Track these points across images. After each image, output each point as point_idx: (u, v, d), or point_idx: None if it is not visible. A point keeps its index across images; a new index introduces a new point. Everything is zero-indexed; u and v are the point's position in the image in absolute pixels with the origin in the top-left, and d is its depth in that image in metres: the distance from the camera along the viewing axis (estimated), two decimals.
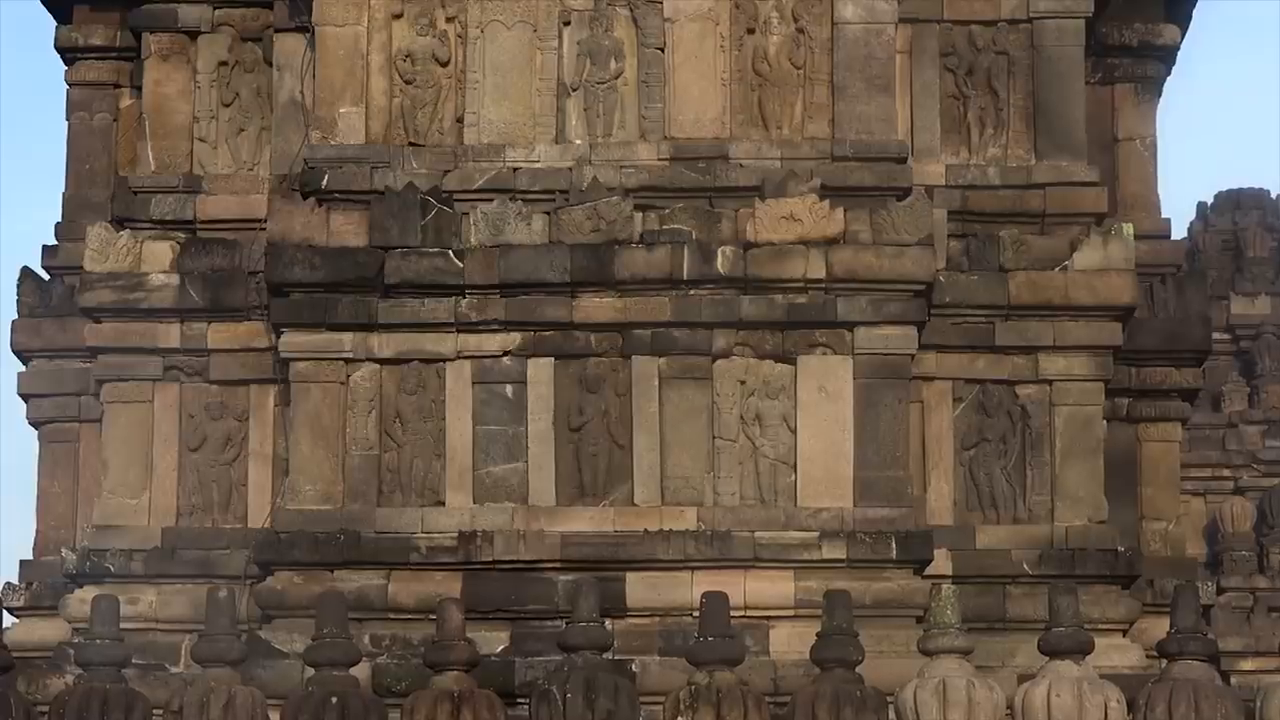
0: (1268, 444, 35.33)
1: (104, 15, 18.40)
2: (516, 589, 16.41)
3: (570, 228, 16.70)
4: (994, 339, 17.02)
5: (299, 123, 17.52)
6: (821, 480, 16.62)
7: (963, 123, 17.59)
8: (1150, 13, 18.30)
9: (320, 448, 16.78)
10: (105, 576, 16.87)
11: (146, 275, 17.17)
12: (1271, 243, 37.26)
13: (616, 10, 17.23)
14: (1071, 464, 16.97)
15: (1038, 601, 15.58)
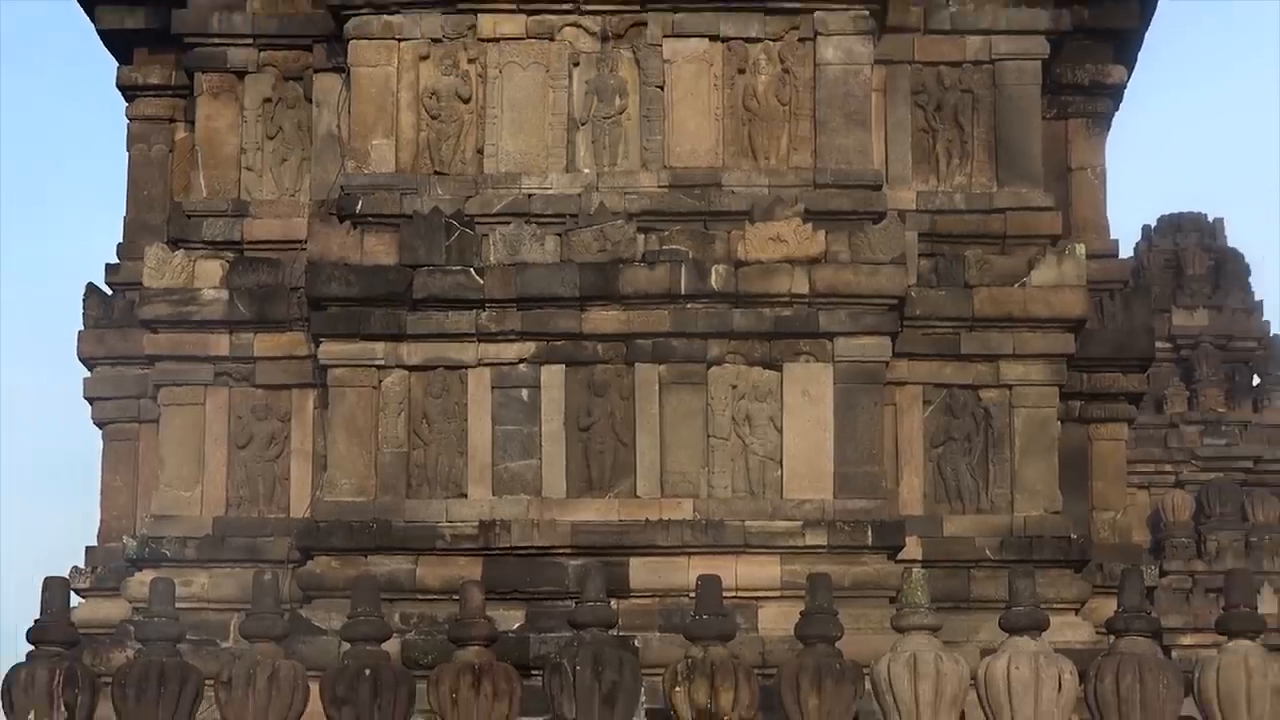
0: (1205, 442, 35.42)
1: (160, 57, 18.42)
2: (531, 572, 16.42)
3: (579, 248, 16.72)
4: (959, 348, 17.04)
5: (336, 153, 17.54)
6: (805, 475, 16.63)
7: (932, 154, 17.60)
8: (1100, 55, 18.32)
9: (355, 446, 16.79)
10: (162, 561, 16.88)
11: (199, 291, 17.19)
12: (1209, 261, 37.32)
13: (620, 53, 17.25)
14: (1029, 460, 16.99)
15: (999, 584, 15.56)
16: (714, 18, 17.16)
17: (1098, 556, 17.34)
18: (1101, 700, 13.48)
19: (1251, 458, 35.58)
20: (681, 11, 17.16)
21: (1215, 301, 37.03)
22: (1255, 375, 36.84)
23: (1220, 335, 36.65)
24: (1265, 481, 35.52)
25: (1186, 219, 38.09)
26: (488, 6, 17.20)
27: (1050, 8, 17.56)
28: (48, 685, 13.71)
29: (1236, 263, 37.67)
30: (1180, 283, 36.99)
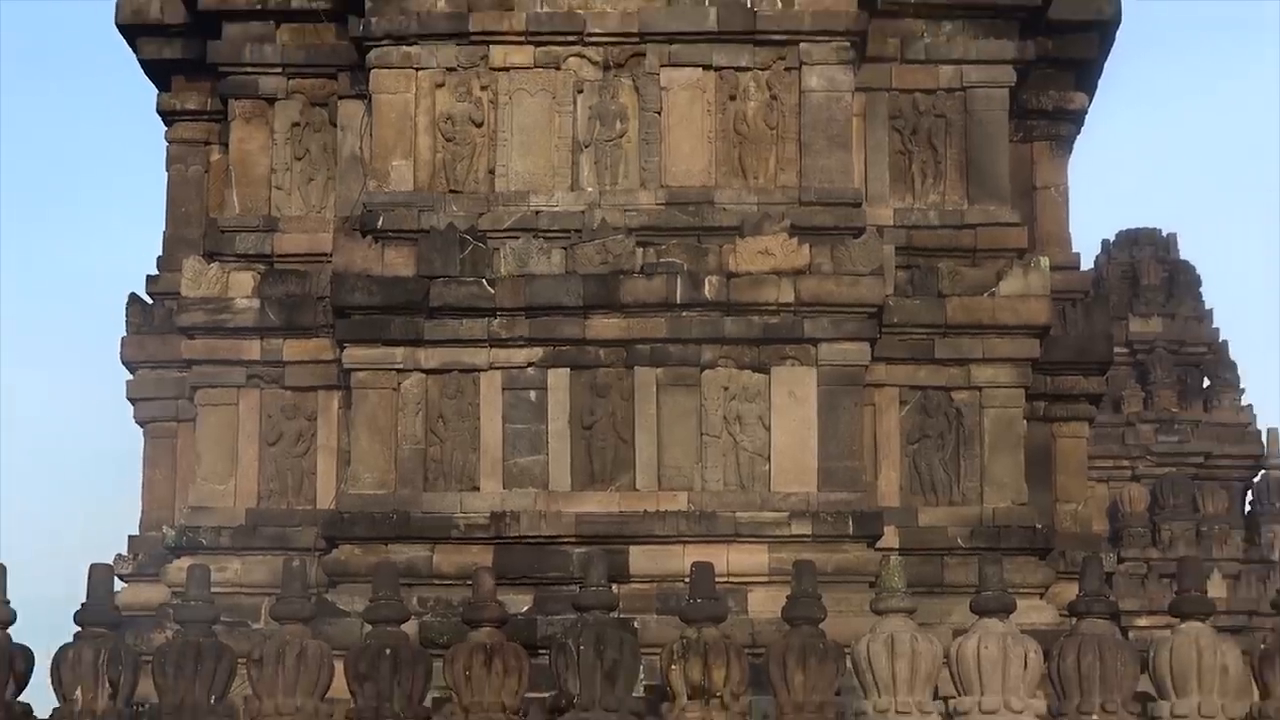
0: (1159, 439, 35.44)
1: (197, 84, 18.42)
2: (539, 560, 16.41)
3: (583, 260, 16.72)
4: (933, 353, 17.04)
5: (358, 173, 17.54)
6: (791, 470, 16.63)
7: (907, 173, 17.59)
8: (1063, 83, 18.32)
9: (376, 443, 16.78)
10: (199, 549, 16.88)
11: (232, 300, 17.19)
12: (1163, 273, 37.34)
13: (621, 81, 17.25)
14: (997, 456, 16.99)
15: (969, 570, 15.57)
16: (707, 48, 17.16)
17: (1060, 545, 17.35)
18: (1064, 677, 13.49)
19: (1202, 454, 35.60)
20: (677, 43, 17.16)
21: (1168, 310, 37.04)
22: (1205, 378, 36.85)
23: (1173, 341, 36.64)
24: (1215, 476, 35.56)
25: (1142, 234, 38.10)
26: (498, 38, 17.20)
27: (1016, 39, 17.56)
28: (93, 664, 13.72)
29: (1188, 274, 37.68)
30: (1136, 292, 36.99)
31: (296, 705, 13.55)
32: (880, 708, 13.51)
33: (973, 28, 17.53)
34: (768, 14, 17.09)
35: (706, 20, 17.11)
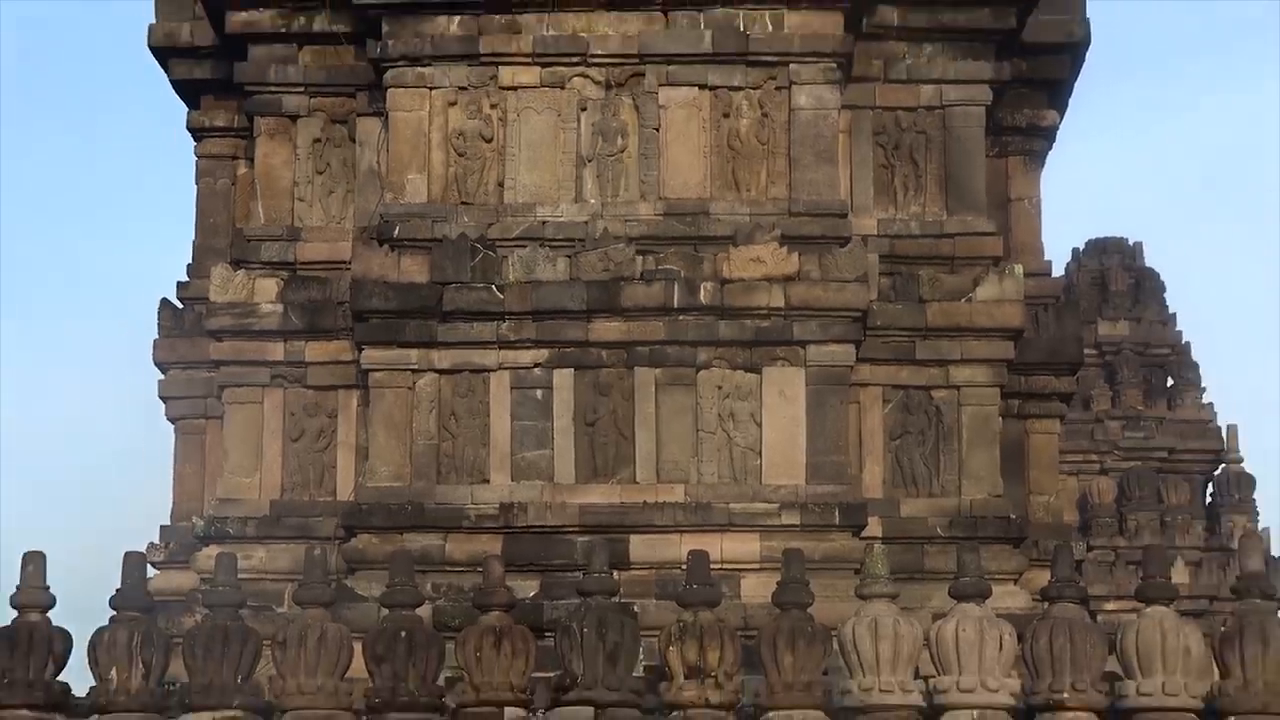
0: (1126, 435, 35.44)
1: (224, 103, 18.43)
2: (544, 548, 16.42)
3: (586, 268, 16.73)
4: (914, 354, 17.04)
5: (376, 186, 17.54)
6: (781, 464, 16.63)
7: (890, 186, 17.59)
8: (1036, 101, 18.34)
9: (392, 438, 16.79)
10: (226, 538, 16.89)
11: (257, 305, 17.19)
12: (1129, 279, 37.33)
13: (622, 99, 17.26)
14: (974, 451, 16.99)
15: (948, 558, 15.54)
16: (703, 69, 17.17)
17: (1033, 534, 17.35)
18: (1037, 658, 13.48)
19: (1166, 449, 35.61)
20: (674, 64, 17.17)
21: (1135, 314, 37.03)
22: (1169, 378, 36.85)
23: (1139, 343, 36.64)
24: (1178, 469, 35.57)
25: (1110, 242, 38.09)
26: (507, 59, 17.21)
27: (992, 60, 17.57)
28: (127, 645, 13.72)
29: (1154, 280, 37.69)
30: (1105, 298, 36.98)
31: (318, 685, 13.55)
32: (865, 687, 13.50)
33: (951, 50, 17.53)
34: (759, 37, 17.09)
35: (702, 42, 17.11)
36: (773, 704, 13.48)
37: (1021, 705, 13.52)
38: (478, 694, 13.51)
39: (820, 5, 17.03)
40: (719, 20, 17.12)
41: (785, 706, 13.47)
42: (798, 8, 17.05)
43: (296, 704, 13.56)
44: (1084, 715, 13.39)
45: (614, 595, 13.91)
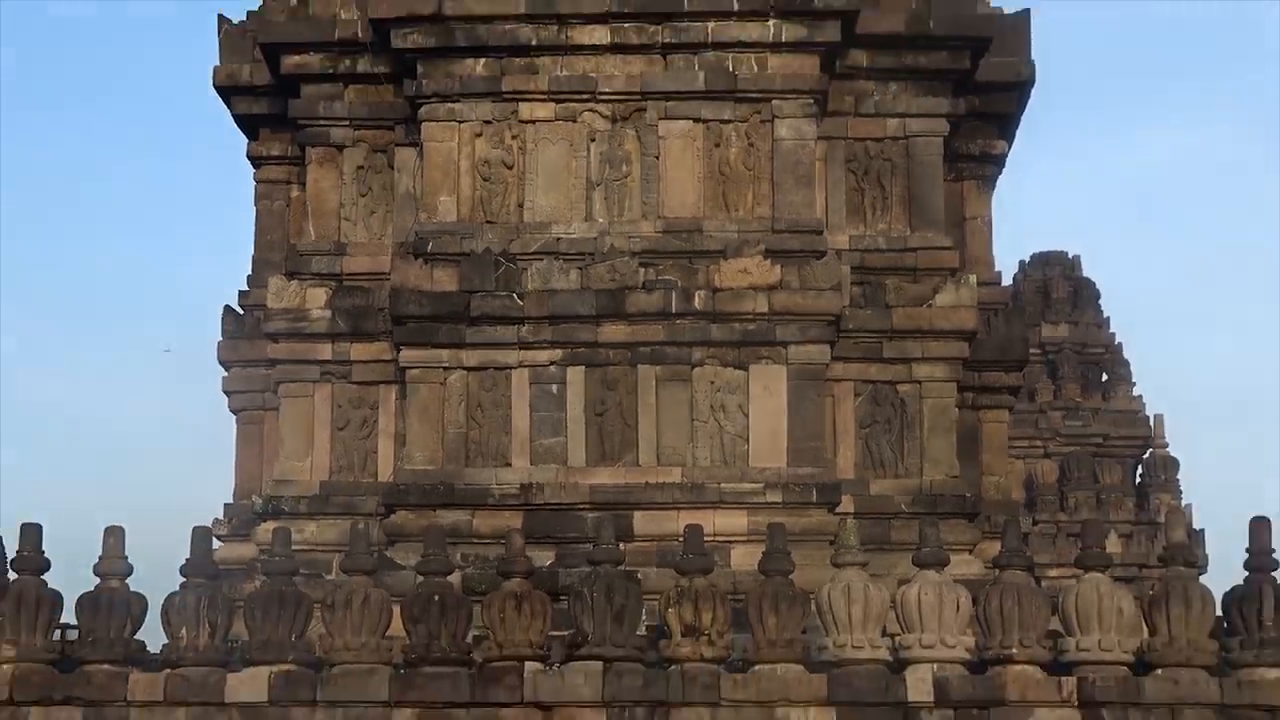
0: (1066, 424, 35.48)
1: (279, 135, 18.42)
2: (559, 523, 16.40)
3: (595, 278, 16.72)
4: (882, 353, 17.03)
5: (412, 207, 17.53)
6: (765, 449, 16.62)
7: (860, 207, 17.57)
8: (987, 133, 18.30)
9: (426, 427, 16.78)
10: (281, 514, 16.88)
11: (308, 310, 17.19)
12: (1069, 288, 37.35)
13: (626, 131, 17.25)
14: (934, 438, 16.98)
15: (912, 530, 15.57)
16: (697, 104, 17.15)
17: (985, 510, 17.34)
18: (989, 618, 13.49)
19: (1101, 435, 35.63)
20: (672, 100, 17.15)
21: (1073, 318, 37.04)
22: (1104, 373, 36.87)
23: (1077, 343, 36.65)
24: (1111, 453, 35.62)
25: (1052, 255, 38.10)
26: (526, 97, 17.20)
27: (949, 97, 17.56)
28: (195, 608, 13.74)
29: (1090, 289, 37.70)
30: (1047, 304, 36.98)
31: (361, 642, 13.56)
32: (839, 643, 13.51)
33: (914, 88, 17.52)
34: (746, 76, 17.08)
35: (696, 82, 17.10)
36: (759, 658, 13.49)
37: (976, 659, 13.52)
38: (501, 650, 13.51)
39: (799, 49, 17.02)
40: (711, 62, 17.11)
41: (770, 661, 13.48)
42: (779, 51, 17.03)
43: (343, 659, 13.57)
44: (1030, 668, 13.39)
45: (620, 564, 13.92)
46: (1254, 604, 13.48)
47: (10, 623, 13.74)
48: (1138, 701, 13.29)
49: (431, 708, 13.43)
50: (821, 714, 13.37)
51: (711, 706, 13.37)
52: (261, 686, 13.49)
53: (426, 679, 13.47)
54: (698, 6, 16.93)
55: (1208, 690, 13.30)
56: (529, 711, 13.42)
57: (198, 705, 13.51)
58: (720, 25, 16.99)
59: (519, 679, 13.42)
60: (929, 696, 13.33)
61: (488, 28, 17.02)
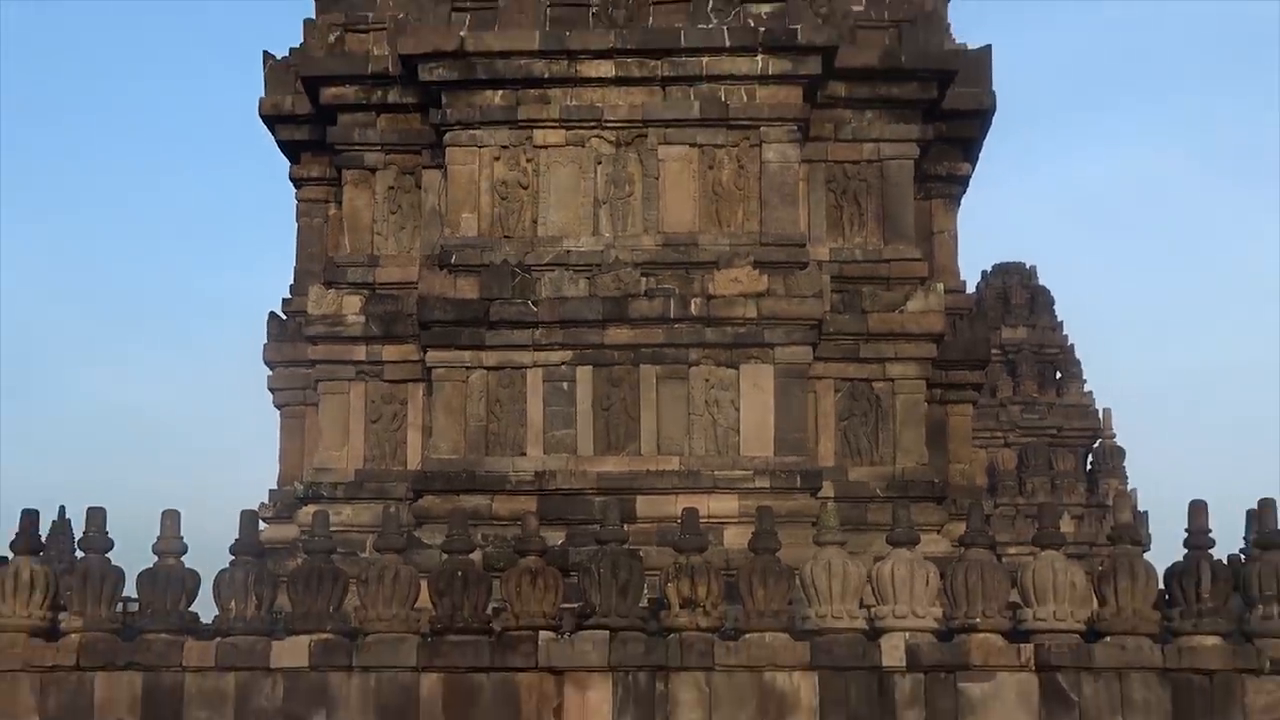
0: (1024, 417, 35.55)
1: (318, 159, 18.41)
2: (570, 506, 16.38)
3: (602, 287, 16.71)
4: (859, 354, 17.01)
5: (437, 223, 17.52)
6: (754, 439, 16.60)
7: (839, 223, 17.54)
8: (953, 156, 18.29)
9: (451, 420, 16.77)
10: (320, 499, 16.88)
11: (344, 316, 17.18)
12: (1026, 294, 37.41)
13: (629, 154, 17.23)
14: (905, 430, 16.96)
15: (886, 513, 15.54)
16: (693, 131, 17.15)
17: (951, 494, 17.32)
18: (955, 591, 13.48)
19: (1055, 427, 35.68)
20: (670, 127, 17.15)
21: (1030, 322, 37.07)
22: (1058, 371, 36.91)
23: (1034, 345, 36.69)
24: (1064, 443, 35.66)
25: (1011, 266, 38.13)
26: (539, 124, 17.20)
27: (919, 124, 17.54)
28: (244, 583, 13.74)
29: (1045, 295, 37.74)
30: (1007, 309, 37.02)
31: (392, 614, 13.57)
32: (820, 614, 13.51)
33: (887, 115, 17.50)
34: (737, 106, 17.07)
35: (692, 110, 17.09)
36: (748, 627, 13.49)
37: (943, 628, 13.52)
38: (517, 620, 13.51)
39: (784, 81, 17.01)
40: (705, 93, 17.10)
41: (758, 629, 13.47)
42: (766, 83, 17.02)
43: (376, 628, 13.57)
44: (992, 636, 13.39)
45: (624, 543, 13.92)
46: (1192, 578, 13.48)
47: (78, 596, 13.77)
48: (1089, 666, 13.29)
49: (455, 672, 13.44)
50: (805, 678, 13.36)
51: (706, 671, 13.37)
52: (302, 653, 13.49)
53: (451, 646, 13.47)
54: (693, 43, 16.92)
55: (1151, 656, 13.30)
56: (542, 675, 13.42)
57: (245, 670, 13.51)
58: (713, 60, 16.98)
59: (534, 646, 13.42)
60: (901, 662, 13.33)
61: (505, 62, 17.02)
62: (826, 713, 13.26)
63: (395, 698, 13.41)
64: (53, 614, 13.85)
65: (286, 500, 17.87)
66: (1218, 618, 13.38)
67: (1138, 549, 13.77)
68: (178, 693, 13.50)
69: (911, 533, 13.77)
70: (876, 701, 13.28)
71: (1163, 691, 13.24)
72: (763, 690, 13.31)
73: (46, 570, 13.90)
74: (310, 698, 13.44)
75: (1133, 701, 13.23)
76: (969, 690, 13.26)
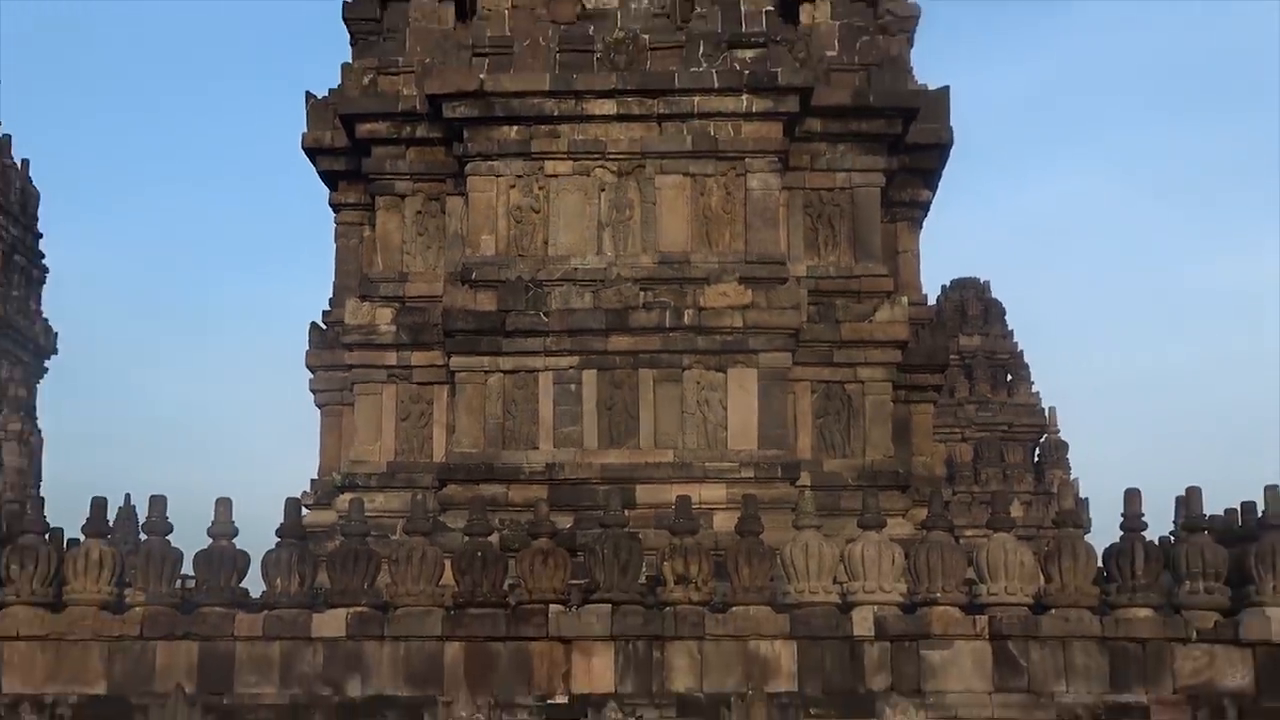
0: (978, 414, 35.44)
1: (354, 187, 18.38)
2: (577, 494, 16.36)
3: (605, 300, 16.69)
4: (832, 359, 16.98)
5: (460, 244, 17.50)
6: (740, 435, 16.58)
7: (815, 243, 17.51)
8: (915, 184, 18.25)
9: (471, 418, 16.76)
10: (356, 488, 16.85)
11: (378, 326, 17.16)
12: (980, 306, 37.34)
13: (629, 183, 17.23)
14: (874, 426, 16.94)
15: (857, 500, 15.53)
16: (686, 162, 17.14)
17: (915, 483, 17.28)
18: (918, 570, 13.48)
19: (1006, 423, 35.59)
20: (666, 159, 17.14)
21: (984, 330, 37.00)
22: (1008, 374, 36.82)
23: (988, 351, 36.61)
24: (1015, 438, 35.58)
25: (967, 280, 38.06)
26: (550, 156, 17.20)
27: (885, 156, 17.53)
28: (288, 562, 13.73)
29: (998, 307, 37.66)
30: (964, 319, 36.94)
31: (420, 589, 13.56)
32: (798, 590, 13.50)
33: (857, 148, 17.48)
34: (725, 140, 17.06)
35: (685, 144, 17.08)
36: (735, 601, 13.48)
37: (907, 602, 13.51)
38: (531, 595, 13.50)
39: (766, 118, 17.00)
40: (696, 128, 17.09)
41: (744, 603, 13.46)
42: (751, 120, 17.01)
43: (405, 602, 13.56)
44: (951, 609, 13.38)
45: (624, 527, 13.92)
46: (1128, 558, 13.49)
47: (141, 574, 13.78)
48: (1036, 635, 13.29)
49: (475, 641, 13.43)
50: (785, 646, 13.35)
51: (698, 640, 13.36)
52: (340, 624, 13.48)
53: (471, 618, 13.46)
54: (685, 84, 16.91)
55: (1091, 626, 13.30)
56: (553, 644, 13.41)
57: (289, 639, 13.50)
58: (704, 99, 16.98)
59: (545, 618, 13.41)
60: (870, 631, 13.32)
61: (519, 101, 17.01)
62: (804, 677, 13.25)
63: (422, 664, 13.40)
64: (119, 590, 13.85)
65: (326, 489, 17.86)
66: (1150, 592, 13.39)
67: (1079, 532, 13.77)
68: (229, 659, 13.49)
69: (879, 517, 13.76)
70: (848, 667, 13.27)
71: (1101, 658, 13.24)
72: (747, 657, 13.30)
73: (114, 551, 13.91)
74: (347, 664, 13.43)
75: (1075, 666, 13.23)
76: (930, 657, 13.26)
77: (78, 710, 13.33)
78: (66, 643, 13.58)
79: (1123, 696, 13.15)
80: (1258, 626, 13.17)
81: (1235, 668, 13.15)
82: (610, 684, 13.29)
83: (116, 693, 13.48)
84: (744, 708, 12.53)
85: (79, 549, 13.87)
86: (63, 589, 13.76)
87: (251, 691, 13.42)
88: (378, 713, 13.19)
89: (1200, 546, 13.51)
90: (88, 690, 13.51)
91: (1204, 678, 13.20)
